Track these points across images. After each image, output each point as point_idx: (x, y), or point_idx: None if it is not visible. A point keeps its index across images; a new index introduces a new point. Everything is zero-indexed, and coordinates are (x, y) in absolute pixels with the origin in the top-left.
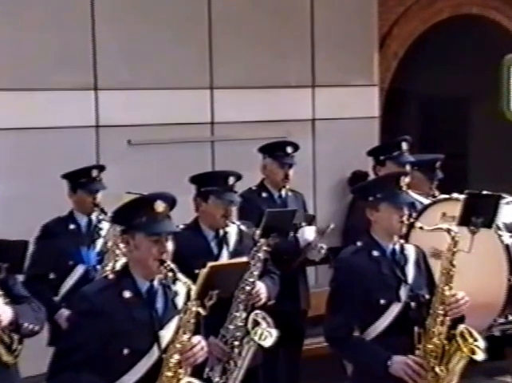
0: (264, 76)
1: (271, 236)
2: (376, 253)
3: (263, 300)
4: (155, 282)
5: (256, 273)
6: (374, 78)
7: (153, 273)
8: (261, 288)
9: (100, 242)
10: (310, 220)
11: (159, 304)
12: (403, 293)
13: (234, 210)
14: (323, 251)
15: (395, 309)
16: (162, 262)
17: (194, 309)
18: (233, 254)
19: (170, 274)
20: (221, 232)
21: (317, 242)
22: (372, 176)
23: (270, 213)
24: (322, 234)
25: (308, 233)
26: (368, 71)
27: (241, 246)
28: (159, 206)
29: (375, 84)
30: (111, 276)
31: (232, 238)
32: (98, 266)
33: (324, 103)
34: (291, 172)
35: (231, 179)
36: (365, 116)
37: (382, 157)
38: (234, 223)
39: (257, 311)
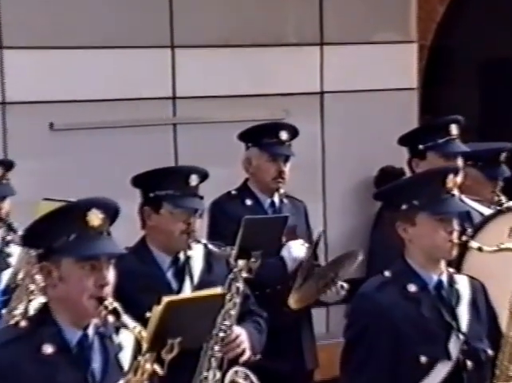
0: (249, 29)
1: (253, 256)
2: (413, 287)
3: (247, 354)
4: (90, 331)
5: (233, 312)
6: (411, 31)
7: (87, 317)
8: (242, 335)
9: (6, 275)
10: (292, 234)
11: (97, 363)
12: (455, 346)
13: (199, 222)
14: (343, 292)
15: (442, 369)
16: (101, 300)
17: (147, 366)
18: (199, 288)
19: (112, 317)
20: (181, 257)
21: (332, 273)
22: (408, 174)
23: (250, 221)
24: (315, 247)
25: (295, 249)
26: (401, 21)
27: (210, 276)
28: (95, 217)
29: (412, 41)
30: (23, 323)
31: (197, 264)
32: (3, 311)
33: (338, 68)
34: (287, 169)
35: (194, 179)
36: (398, 87)
37: (421, 146)
38: (199, 241)
39: (237, 368)
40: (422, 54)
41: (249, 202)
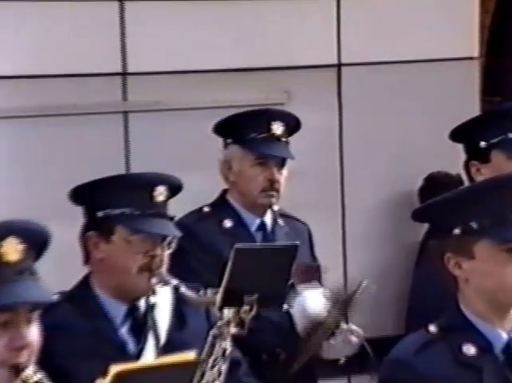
0: None
1: (246, 302)
2: (471, 349)
3: None
4: None
5: None
6: None
7: None
8: None
9: None
10: (314, 276)
11: None
12: None
13: (167, 255)
14: (354, 340)
15: None
16: (17, 369)
17: None
18: (167, 350)
19: None
20: (141, 305)
21: (338, 320)
22: (466, 183)
23: (242, 252)
24: (346, 305)
25: (312, 302)
26: None
27: (183, 333)
28: (12, 249)
29: None
30: None
31: (165, 316)
32: None
33: (363, 30)
34: (283, 177)
35: (160, 191)
36: (451, 55)
37: (483, 143)
38: (167, 282)
39: None
40: (487, 7)
41: (228, 223)
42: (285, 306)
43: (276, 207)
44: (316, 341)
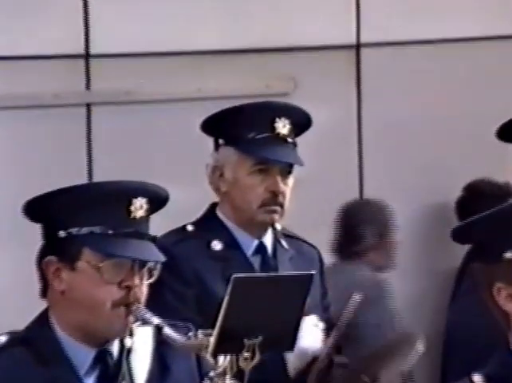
0: None
1: (247, 346)
2: None
3: None
4: None
5: None
6: None
7: None
8: None
9: None
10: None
11: None
12: None
13: (146, 285)
14: None
15: None
16: None
17: None
18: None
19: None
20: (113, 349)
21: (367, 375)
22: None
23: (241, 283)
24: (342, 335)
25: (306, 334)
26: None
27: None
28: None
29: None
30: None
31: (143, 363)
32: None
33: (386, 5)
34: (288, 188)
35: (140, 205)
36: (491, 34)
37: None
38: (147, 320)
39: None
40: None
41: (218, 245)
42: None
43: (279, 226)
44: (311, 380)
